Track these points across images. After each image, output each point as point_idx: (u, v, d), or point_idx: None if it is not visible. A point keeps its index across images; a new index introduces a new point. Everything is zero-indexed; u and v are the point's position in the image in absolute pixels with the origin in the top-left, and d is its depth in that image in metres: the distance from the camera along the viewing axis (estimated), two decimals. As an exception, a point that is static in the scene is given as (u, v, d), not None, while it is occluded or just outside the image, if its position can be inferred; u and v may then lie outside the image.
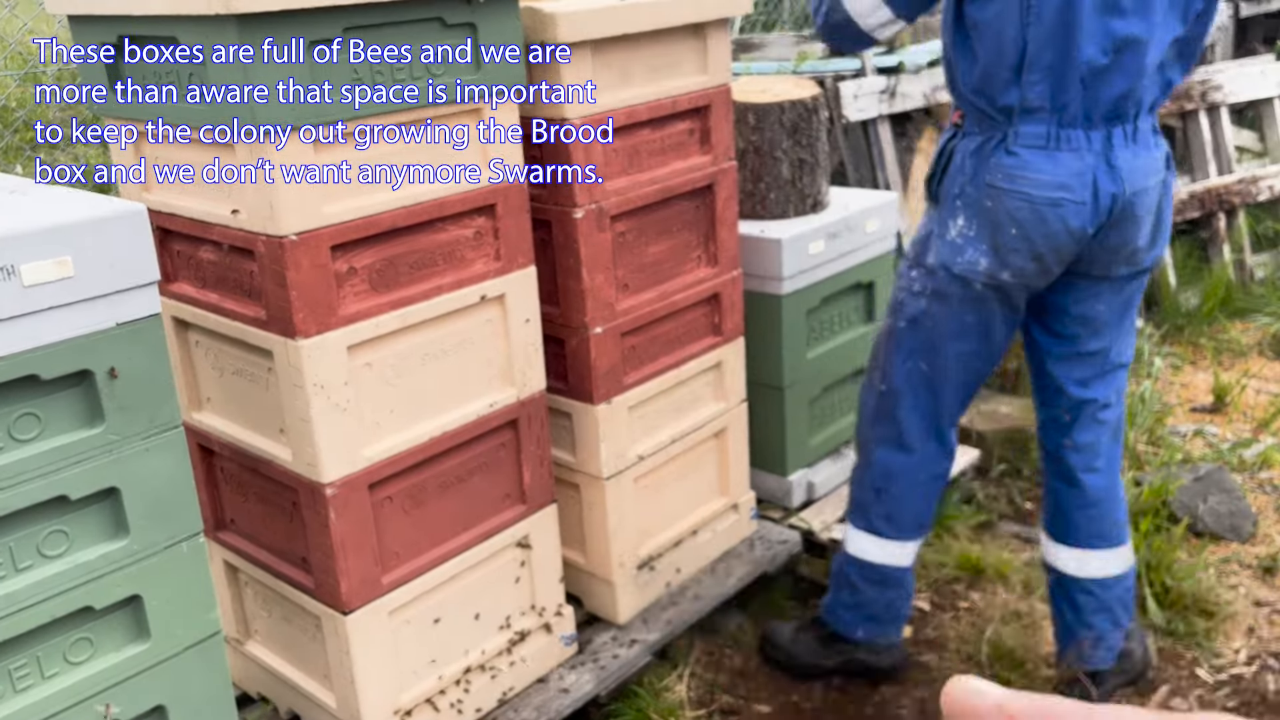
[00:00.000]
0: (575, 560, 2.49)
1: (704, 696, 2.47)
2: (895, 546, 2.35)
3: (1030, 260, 2.08)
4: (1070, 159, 2.01)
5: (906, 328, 2.23)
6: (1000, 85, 2.02)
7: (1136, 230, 2.10)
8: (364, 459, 1.89)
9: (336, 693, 2.04)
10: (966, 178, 2.09)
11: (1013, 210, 2.05)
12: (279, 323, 1.79)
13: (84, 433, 1.49)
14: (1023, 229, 2.05)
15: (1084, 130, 2.01)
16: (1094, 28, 1.94)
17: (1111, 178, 2.02)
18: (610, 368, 2.33)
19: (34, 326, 1.41)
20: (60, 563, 1.50)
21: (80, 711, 1.55)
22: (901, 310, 2.24)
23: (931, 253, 2.16)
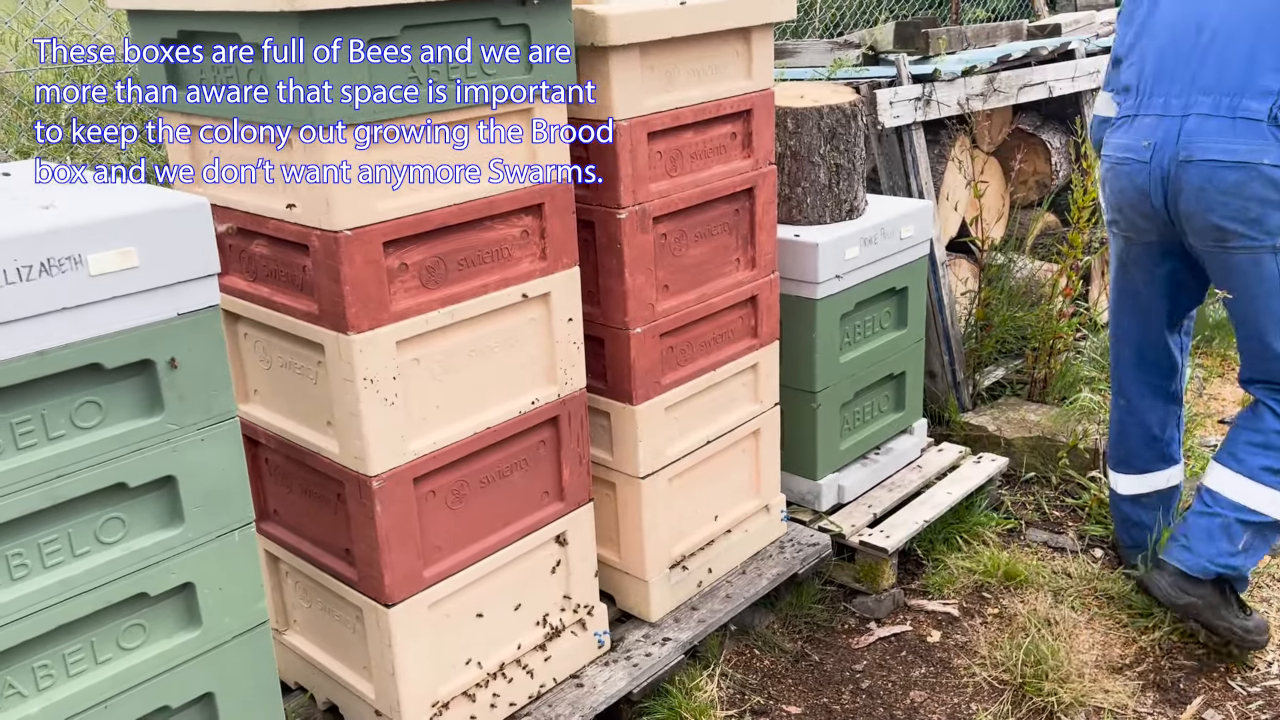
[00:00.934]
0: (609, 558, 2.50)
1: (735, 696, 2.48)
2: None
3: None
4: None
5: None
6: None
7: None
8: (410, 453, 1.91)
9: (375, 684, 2.06)
10: None
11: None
12: (331, 317, 1.81)
13: (143, 421, 1.51)
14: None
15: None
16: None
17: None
18: (649, 368, 2.34)
19: (98, 316, 1.43)
20: (117, 549, 1.53)
21: (131, 698, 1.57)
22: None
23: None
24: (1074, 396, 3.64)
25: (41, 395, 1.41)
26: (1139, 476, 2.81)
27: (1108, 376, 3.88)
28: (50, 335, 1.39)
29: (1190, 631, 2.60)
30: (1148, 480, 2.80)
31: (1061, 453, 3.30)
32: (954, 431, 3.50)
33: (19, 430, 1.40)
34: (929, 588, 2.88)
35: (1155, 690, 2.45)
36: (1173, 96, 2.42)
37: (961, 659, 2.58)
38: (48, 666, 1.49)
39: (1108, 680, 2.46)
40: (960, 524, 3.05)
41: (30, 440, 1.41)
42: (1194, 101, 2.38)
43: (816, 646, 2.67)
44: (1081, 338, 4.03)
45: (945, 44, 3.66)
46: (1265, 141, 2.29)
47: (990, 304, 3.74)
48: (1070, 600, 2.75)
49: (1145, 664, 2.54)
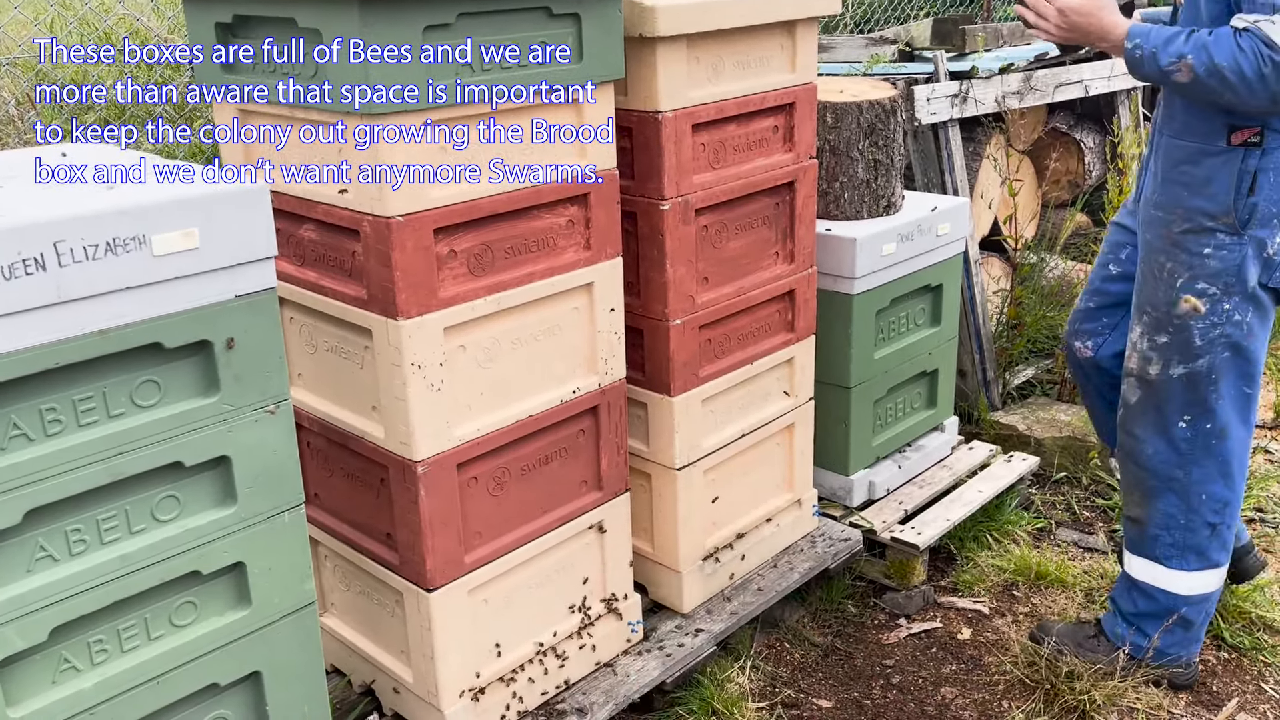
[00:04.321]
0: (642, 549, 2.51)
1: (765, 689, 2.49)
2: (1225, 566, 2.38)
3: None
4: None
5: (1230, 358, 2.21)
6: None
7: None
8: (454, 439, 1.93)
9: (414, 668, 2.07)
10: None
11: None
12: (380, 302, 1.82)
13: (200, 401, 1.53)
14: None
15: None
16: None
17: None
18: (688, 360, 2.35)
19: (160, 295, 1.45)
20: (172, 527, 1.54)
21: (182, 675, 1.59)
22: (1218, 345, 2.20)
23: (1250, 274, 2.16)
24: (1105, 397, 3.63)
25: (103, 373, 1.43)
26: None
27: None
28: (113, 314, 1.41)
29: (1217, 634, 2.60)
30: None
31: (1092, 453, 3.29)
32: (984, 430, 3.50)
33: (81, 408, 1.42)
34: (959, 585, 2.88)
35: (1188, 691, 2.45)
36: None
37: (992, 656, 2.58)
38: (103, 641, 1.51)
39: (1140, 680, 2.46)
40: (990, 522, 3.05)
41: (92, 417, 1.43)
42: None
43: (847, 641, 2.68)
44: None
45: (983, 41, 3.65)
46: None
47: (1022, 303, 3.73)
48: (1102, 600, 2.74)
49: (1177, 665, 2.53)
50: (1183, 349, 2.22)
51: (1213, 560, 2.34)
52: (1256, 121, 2.08)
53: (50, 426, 1.40)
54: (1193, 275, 2.18)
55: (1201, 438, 2.26)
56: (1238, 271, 2.15)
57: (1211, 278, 2.17)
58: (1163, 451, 2.29)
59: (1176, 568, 2.34)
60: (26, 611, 1.41)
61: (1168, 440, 2.28)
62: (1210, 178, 2.14)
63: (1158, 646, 2.39)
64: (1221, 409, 2.24)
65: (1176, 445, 2.28)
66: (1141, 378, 2.28)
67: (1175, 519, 2.32)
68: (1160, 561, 2.35)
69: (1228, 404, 2.24)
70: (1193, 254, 2.18)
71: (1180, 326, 2.21)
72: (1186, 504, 2.30)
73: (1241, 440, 2.29)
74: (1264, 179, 2.10)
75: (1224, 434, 2.26)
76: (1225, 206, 2.13)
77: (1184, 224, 2.18)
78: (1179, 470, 2.29)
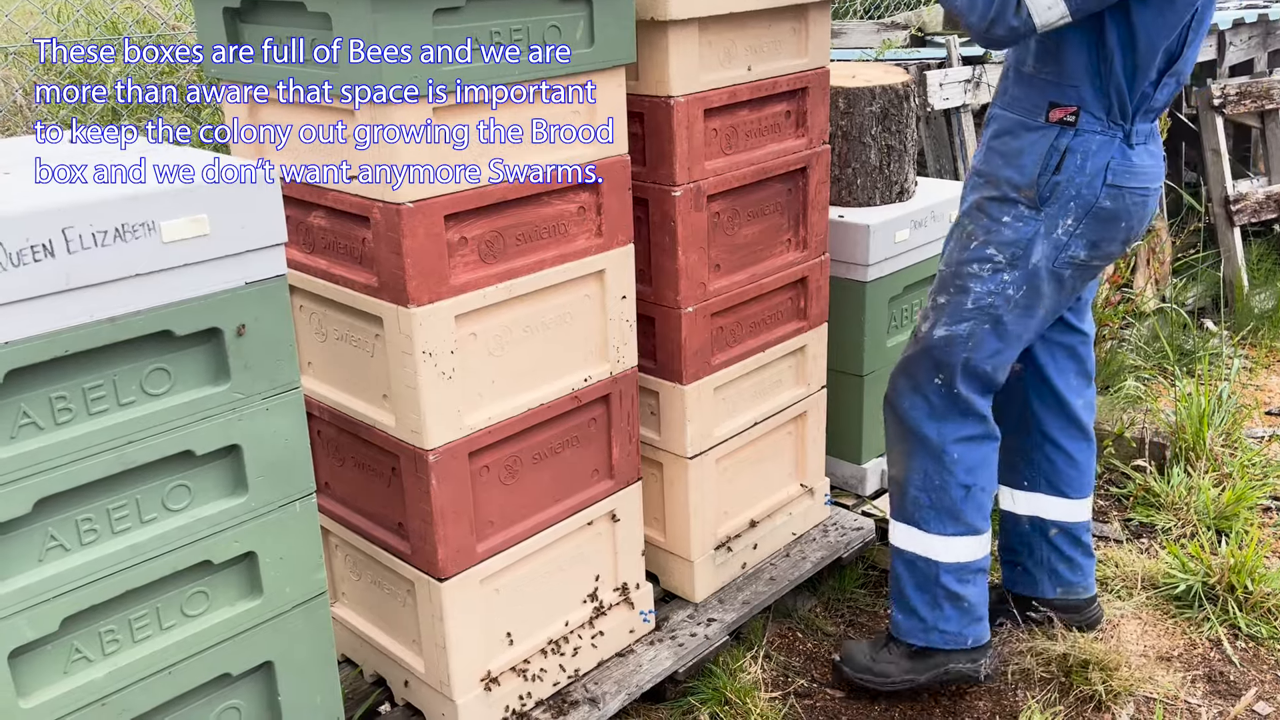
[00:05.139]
0: (654, 538, 2.50)
1: (778, 678, 2.48)
2: (986, 535, 2.32)
3: (1120, 245, 2.21)
4: (1156, 148, 2.19)
5: (989, 330, 2.19)
6: (1140, 87, 2.07)
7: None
8: (466, 427, 1.91)
9: (426, 658, 2.06)
10: (1087, 178, 2.09)
11: (1131, 206, 2.14)
12: (391, 290, 1.80)
13: (210, 389, 1.51)
14: (1130, 220, 2.16)
15: (1155, 122, 2.18)
16: (1205, 28, 2.09)
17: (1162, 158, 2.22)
18: (699, 348, 2.33)
19: (170, 282, 1.44)
20: (182, 516, 1.53)
21: (194, 665, 1.58)
22: (987, 315, 2.18)
23: (1037, 252, 2.14)
24: (1118, 385, 3.61)
25: (113, 361, 1.42)
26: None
27: (1152, 366, 3.85)
28: (123, 301, 1.39)
29: (1233, 623, 2.58)
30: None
31: (1107, 441, 3.27)
32: (996, 418, 3.47)
33: (91, 396, 1.41)
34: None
35: (1205, 681, 2.43)
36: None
37: (1007, 646, 2.56)
38: (114, 632, 1.50)
39: (1156, 670, 2.44)
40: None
41: (102, 406, 1.41)
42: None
43: (859, 631, 2.66)
44: (1126, 326, 3.99)
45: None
46: None
47: (1034, 290, 3.70)
48: (1116, 589, 2.72)
49: (1194, 655, 2.52)
50: (953, 311, 2.21)
51: (970, 525, 2.28)
52: (1073, 100, 2.09)
53: (60, 415, 1.38)
54: (986, 240, 2.18)
55: (951, 399, 2.23)
56: (1027, 245, 2.14)
57: (1002, 246, 2.16)
58: (919, 406, 2.26)
59: (935, 531, 2.29)
60: (37, 601, 1.40)
61: (921, 395, 2.26)
62: (1023, 150, 2.14)
63: (933, 626, 2.32)
64: (964, 377, 2.21)
65: (930, 401, 2.25)
66: (916, 333, 2.28)
67: (931, 478, 2.28)
68: (920, 525, 2.31)
69: (971, 372, 2.21)
70: (992, 219, 2.18)
71: (960, 289, 2.20)
72: (939, 463, 2.26)
73: (987, 407, 2.26)
74: (1070, 159, 2.10)
75: (968, 400, 2.23)
76: (1030, 180, 2.13)
77: (993, 191, 2.19)
78: (931, 429, 2.26)
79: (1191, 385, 3.38)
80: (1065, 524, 2.48)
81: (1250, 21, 4.75)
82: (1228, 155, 4.53)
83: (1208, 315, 4.42)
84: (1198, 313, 4.38)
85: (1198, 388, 3.33)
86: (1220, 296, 4.44)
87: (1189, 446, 3.19)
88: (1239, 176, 4.69)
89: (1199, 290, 4.47)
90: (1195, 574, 2.68)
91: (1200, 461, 3.15)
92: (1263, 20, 4.81)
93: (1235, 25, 4.68)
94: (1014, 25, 1.98)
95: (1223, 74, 4.72)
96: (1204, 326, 4.28)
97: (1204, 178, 4.59)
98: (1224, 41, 4.68)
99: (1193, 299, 4.41)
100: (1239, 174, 4.74)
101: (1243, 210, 4.52)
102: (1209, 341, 4.02)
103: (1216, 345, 3.99)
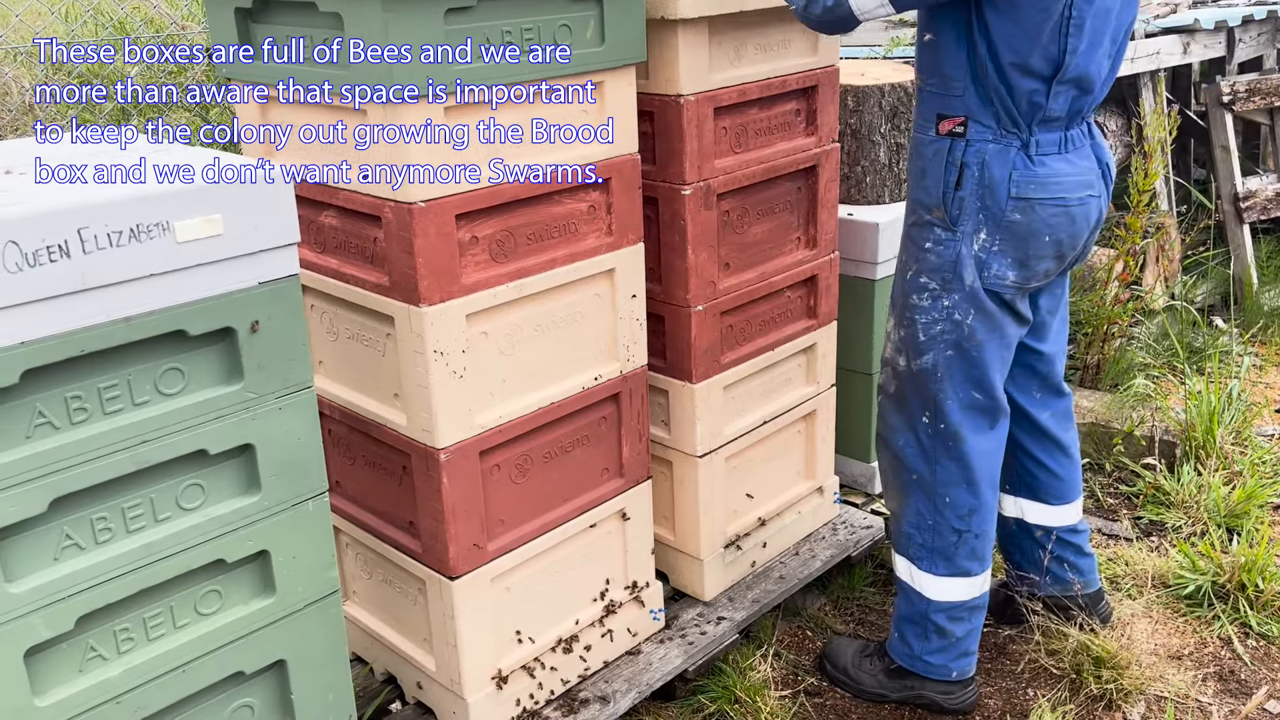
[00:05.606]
0: (663, 537, 2.50)
1: (788, 677, 2.48)
2: (983, 576, 2.28)
3: (1054, 260, 2.11)
4: (1079, 157, 2.07)
5: (954, 357, 2.12)
6: (1021, 94, 1.97)
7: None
8: (477, 426, 1.92)
9: (437, 656, 2.07)
10: (988, 190, 2.02)
11: (1049, 218, 2.04)
12: (403, 289, 1.81)
13: (224, 389, 1.52)
14: (1055, 234, 2.06)
15: (1078, 128, 2.08)
16: (1107, 35, 1.98)
17: (1105, 163, 2.13)
18: (709, 346, 2.33)
19: (184, 282, 1.44)
20: (196, 515, 1.54)
21: (208, 663, 1.58)
22: (941, 342, 2.12)
23: (968, 272, 2.07)
24: (1128, 383, 3.60)
25: (128, 361, 1.42)
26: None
27: (1162, 363, 3.84)
28: (137, 301, 1.40)
29: (1244, 621, 2.58)
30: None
31: (1116, 439, 3.27)
32: (1005, 416, 3.47)
33: (106, 395, 1.41)
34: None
35: (1216, 680, 2.43)
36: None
37: (1017, 645, 2.56)
38: (128, 630, 1.51)
39: (1167, 668, 2.44)
40: (1013, 509, 3.02)
41: (117, 405, 1.42)
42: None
43: (869, 629, 2.66)
44: (1136, 323, 3.98)
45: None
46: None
47: (1043, 288, 3.69)
48: (1127, 588, 2.72)
49: (1204, 653, 2.51)
50: (912, 343, 2.15)
51: (961, 568, 2.22)
52: (959, 110, 2.02)
53: (75, 415, 1.39)
54: (918, 269, 2.12)
55: (940, 438, 2.16)
56: (954, 268, 2.07)
57: (932, 273, 2.10)
58: (911, 445, 2.21)
59: (927, 570, 2.25)
60: (53, 600, 1.41)
61: (914, 434, 2.20)
62: (926, 169, 2.08)
63: (919, 655, 2.29)
64: (951, 410, 2.13)
65: (921, 441, 2.19)
66: (894, 367, 2.21)
67: (924, 518, 2.23)
68: (914, 562, 2.27)
69: (955, 406, 2.13)
70: (918, 246, 2.12)
71: (909, 320, 2.15)
72: (933, 504, 2.20)
73: (982, 449, 2.17)
74: (968, 173, 2.02)
75: (958, 437, 2.15)
76: (937, 199, 2.06)
77: (913, 216, 2.14)
78: (925, 467, 2.20)
79: (1201, 383, 3.38)
80: (1050, 528, 2.45)
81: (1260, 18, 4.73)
82: (1237, 152, 4.51)
83: (1217, 312, 4.40)
84: (1207, 310, 4.37)
85: (1207, 385, 3.32)
86: (1230, 294, 4.43)
87: (1199, 444, 3.18)
88: (1248, 174, 4.68)
89: (1208, 287, 4.46)
90: (1206, 573, 2.68)
91: (1210, 459, 3.14)
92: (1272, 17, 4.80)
93: (1245, 22, 4.67)
94: (829, 5, 1.95)
95: (1232, 71, 4.71)
96: (1213, 324, 4.27)
97: (1213, 175, 4.58)
98: (1233, 38, 4.67)
99: (1202, 296, 4.40)
100: (1248, 171, 4.72)
101: (1252, 207, 4.51)
102: (1219, 339, 4.01)
103: (1226, 343, 3.98)
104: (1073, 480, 2.44)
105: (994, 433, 2.20)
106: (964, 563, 2.23)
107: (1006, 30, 1.92)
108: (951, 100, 2.02)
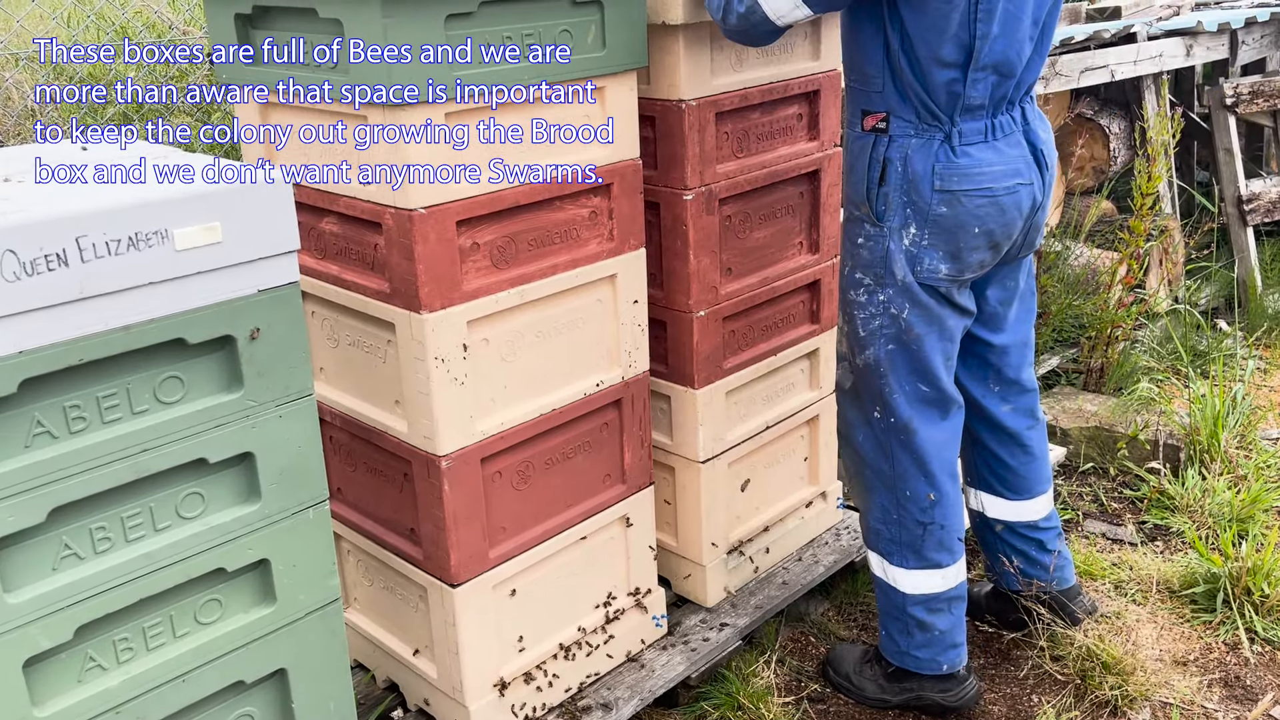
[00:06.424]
0: (666, 543, 2.49)
1: (791, 683, 2.47)
2: (955, 567, 2.27)
3: (988, 251, 2.09)
4: (1008, 145, 2.05)
5: (895, 351, 2.11)
6: (938, 84, 1.96)
7: (1049, 199, 2.16)
8: (478, 433, 1.91)
9: (438, 664, 2.06)
10: (912, 184, 2.01)
11: (974, 209, 2.02)
12: (403, 296, 1.80)
13: (224, 397, 1.51)
14: (985, 224, 2.04)
15: (1008, 115, 2.05)
16: (1026, 17, 1.96)
17: (1039, 149, 2.10)
18: (711, 352, 2.32)
19: (183, 290, 1.43)
20: (196, 524, 1.53)
21: (208, 672, 1.58)
22: (881, 337, 2.11)
23: (899, 267, 2.06)
24: (1132, 387, 3.59)
25: (127, 370, 1.41)
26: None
27: (1166, 367, 3.83)
28: (136, 309, 1.39)
29: (1250, 627, 2.56)
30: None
31: (1120, 443, 3.25)
32: (1008, 420, 3.45)
33: (105, 404, 1.40)
34: (985, 577, 2.84)
35: (1221, 686, 2.41)
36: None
37: (1021, 650, 2.55)
38: (128, 640, 1.50)
39: (1172, 674, 2.43)
40: (1017, 514, 3.01)
41: (116, 414, 1.41)
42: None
43: (872, 635, 2.65)
44: (1139, 327, 3.97)
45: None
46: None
47: (1047, 291, 3.68)
48: (1131, 593, 2.71)
49: (1210, 659, 2.50)
50: (855, 338, 2.16)
51: (930, 560, 2.21)
52: (881, 106, 2.02)
53: (74, 424, 1.38)
54: (853, 265, 2.12)
55: (892, 431, 2.16)
56: (884, 263, 2.06)
57: (865, 268, 2.10)
58: (870, 440, 2.20)
59: (899, 564, 2.24)
60: (52, 610, 1.40)
61: (870, 429, 2.20)
62: (853, 165, 2.09)
63: (906, 650, 2.28)
64: (899, 404, 2.12)
65: (876, 435, 2.19)
66: (847, 362, 2.21)
67: (889, 513, 2.22)
68: (885, 557, 2.27)
69: (903, 400, 2.12)
70: (851, 242, 2.13)
71: (850, 316, 2.15)
72: (895, 498, 2.20)
73: (934, 440, 2.15)
74: (891, 168, 2.01)
75: (909, 430, 2.13)
76: (863, 195, 2.06)
77: (845, 213, 2.14)
78: (884, 462, 2.19)
79: (1205, 387, 3.36)
80: (1010, 522, 2.44)
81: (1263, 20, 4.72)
82: (1240, 155, 4.50)
83: (1221, 316, 4.39)
84: (1211, 313, 4.35)
85: (1212, 389, 3.31)
86: (1234, 297, 4.42)
87: (1203, 448, 3.17)
88: (1252, 176, 4.67)
89: (1212, 291, 4.44)
90: (1211, 578, 2.66)
91: (1215, 463, 3.13)
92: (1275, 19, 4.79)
93: (1248, 24, 4.66)
94: (741, 12, 1.93)
95: (1235, 73, 4.70)
96: (1217, 327, 4.26)
97: (1216, 177, 4.57)
98: (1236, 40, 4.66)
99: (1206, 299, 4.39)
100: (1252, 174, 4.71)
101: (1256, 210, 4.50)
102: (1223, 342, 4.00)
103: (1230, 346, 3.97)
104: (1034, 476, 2.42)
105: (947, 423, 2.19)
106: (933, 555, 2.23)
107: (918, 23, 1.92)
108: (873, 96, 2.03)
